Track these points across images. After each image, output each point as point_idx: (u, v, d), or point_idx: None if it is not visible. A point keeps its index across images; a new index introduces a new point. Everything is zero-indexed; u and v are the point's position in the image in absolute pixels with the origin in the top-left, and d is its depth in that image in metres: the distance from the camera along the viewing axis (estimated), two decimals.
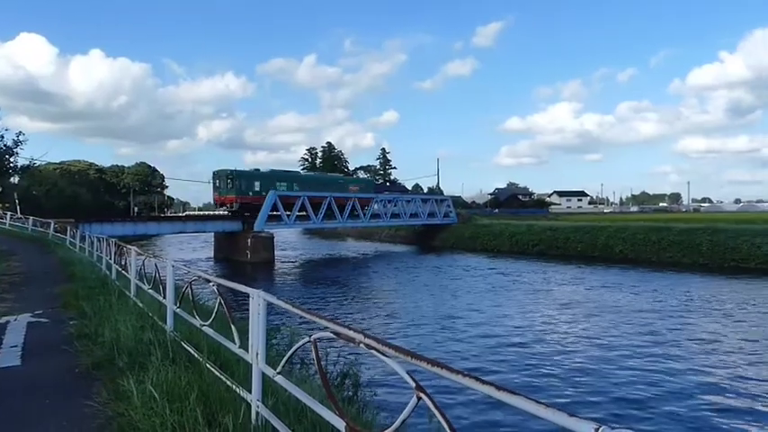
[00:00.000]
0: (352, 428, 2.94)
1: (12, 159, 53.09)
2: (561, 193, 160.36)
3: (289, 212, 46.53)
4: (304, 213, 49.10)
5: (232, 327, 4.97)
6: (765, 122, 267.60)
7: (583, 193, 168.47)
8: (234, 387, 4.64)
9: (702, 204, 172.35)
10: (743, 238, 36.34)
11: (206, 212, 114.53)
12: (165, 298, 7.42)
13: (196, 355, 5.67)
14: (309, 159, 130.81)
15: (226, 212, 50.00)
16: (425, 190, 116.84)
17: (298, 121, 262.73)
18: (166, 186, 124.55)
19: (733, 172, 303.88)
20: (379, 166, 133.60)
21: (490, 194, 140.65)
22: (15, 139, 52.07)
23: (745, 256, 35.04)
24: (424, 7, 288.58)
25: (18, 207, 46.02)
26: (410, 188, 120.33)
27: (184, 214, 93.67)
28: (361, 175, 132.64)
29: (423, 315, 20.58)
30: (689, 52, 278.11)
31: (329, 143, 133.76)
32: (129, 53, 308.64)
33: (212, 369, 5.16)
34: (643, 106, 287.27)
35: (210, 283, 5.76)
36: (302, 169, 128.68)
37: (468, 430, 8.93)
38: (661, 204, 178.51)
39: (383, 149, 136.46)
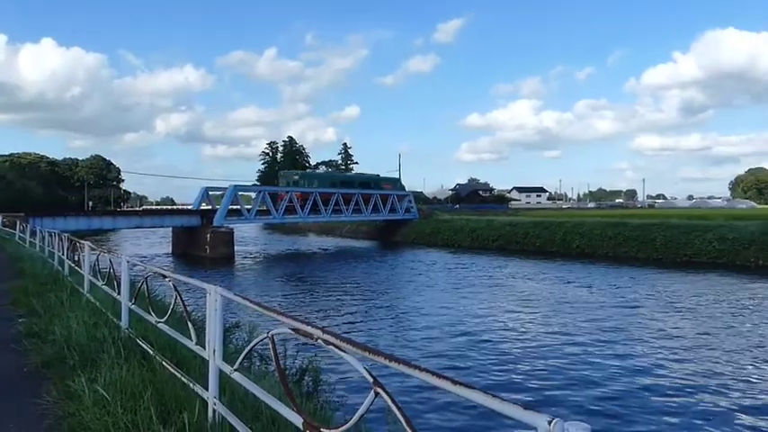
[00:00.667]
0: (310, 424, 2.92)
1: None
2: (521, 189, 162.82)
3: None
4: (264, 208, 48.72)
5: (188, 323, 4.88)
6: (717, 122, 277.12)
7: (542, 189, 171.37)
8: (190, 384, 4.55)
9: (657, 201, 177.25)
10: (695, 233, 37.49)
11: (164, 207, 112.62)
12: (119, 294, 7.25)
13: (151, 353, 5.56)
14: (270, 154, 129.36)
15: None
16: None
17: (258, 115, 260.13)
18: (122, 180, 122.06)
19: (686, 169, 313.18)
20: (340, 161, 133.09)
21: (451, 190, 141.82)
22: None
23: (697, 250, 36.16)
24: (386, 3, 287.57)
25: None
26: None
27: (141, 209, 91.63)
28: (323, 169, 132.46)
29: (384, 310, 20.64)
30: (644, 52, 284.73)
31: (290, 137, 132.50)
32: (82, 43, 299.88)
33: (168, 366, 5.06)
34: (600, 104, 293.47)
35: (167, 279, 5.65)
36: (262, 163, 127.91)
37: (426, 425, 8.99)
38: (617, 200, 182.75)
39: (345, 144, 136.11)
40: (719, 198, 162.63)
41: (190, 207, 52.77)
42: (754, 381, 12.07)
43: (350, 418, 2.58)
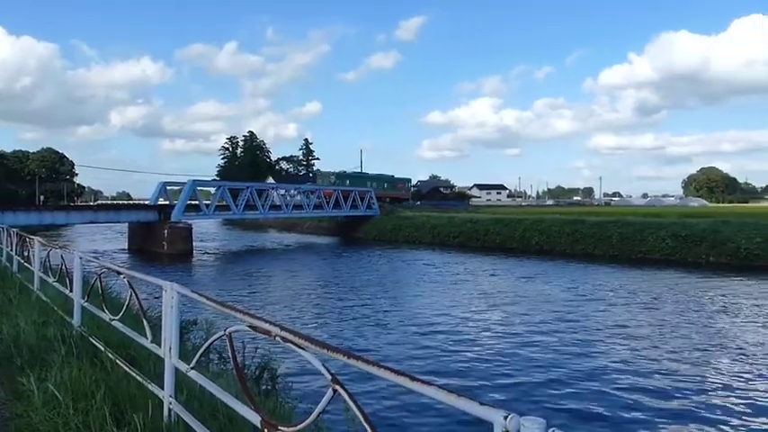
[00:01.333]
0: (268, 422, 2.88)
1: None
2: (481, 187, 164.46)
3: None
4: (224, 203, 48.10)
5: (144, 321, 4.78)
6: (670, 122, 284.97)
7: (502, 187, 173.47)
8: (145, 383, 4.46)
9: (613, 198, 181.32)
10: (649, 230, 38.49)
11: (120, 202, 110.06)
12: (71, 291, 7.05)
13: (105, 351, 5.42)
14: (230, 149, 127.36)
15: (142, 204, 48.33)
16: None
17: (218, 110, 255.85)
18: (76, 174, 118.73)
19: (640, 168, 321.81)
20: (302, 157, 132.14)
21: (413, 187, 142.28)
22: None
23: (651, 247, 37.14)
24: None
25: None
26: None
27: (96, 203, 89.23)
28: (284, 165, 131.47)
29: (344, 307, 20.60)
30: (601, 53, 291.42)
31: (251, 132, 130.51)
32: (33, 32, 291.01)
33: (122, 365, 4.94)
34: (559, 103, 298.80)
35: (121, 276, 5.52)
36: (221, 158, 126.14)
37: (384, 421, 9.01)
38: (575, 198, 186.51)
39: (306, 140, 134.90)
40: (673, 196, 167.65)
41: (147, 202, 51.68)
42: (707, 373, 12.46)
43: (309, 415, 2.56)
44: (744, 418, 9.83)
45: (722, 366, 13.02)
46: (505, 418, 1.59)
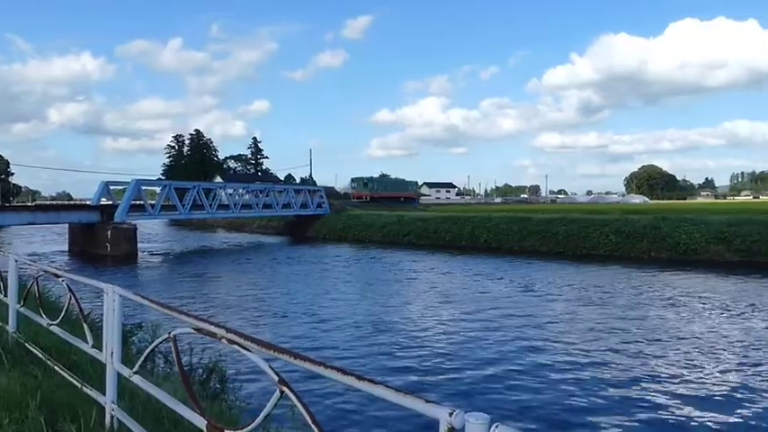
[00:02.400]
0: (214, 426, 2.83)
1: None
2: (431, 185, 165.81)
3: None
4: (171, 203, 46.98)
5: (84, 325, 4.62)
6: (612, 121, 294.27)
7: (451, 185, 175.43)
8: (86, 390, 4.31)
9: (559, 196, 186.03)
10: (593, 227, 39.57)
11: (59, 202, 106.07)
12: (5, 296, 6.74)
13: (43, 358, 5.21)
14: (176, 147, 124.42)
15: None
16: (298, 180, 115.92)
17: (163, 107, 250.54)
18: (12, 173, 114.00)
19: (585, 166, 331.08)
20: (250, 156, 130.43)
21: None
22: None
23: (596, 244, 38.18)
24: None
25: None
26: (283, 178, 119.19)
27: (34, 204, 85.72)
28: (232, 164, 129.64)
29: (294, 306, 20.44)
30: (544, 54, 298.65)
31: (197, 131, 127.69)
32: None
33: (61, 371, 4.76)
34: (504, 103, 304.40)
35: (60, 279, 5.32)
36: (167, 157, 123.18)
37: (332, 421, 8.99)
38: (522, 196, 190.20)
39: (254, 138, 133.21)
40: (615, 194, 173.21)
41: (89, 203, 50.00)
42: (646, 362, 12.90)
43: (256, 418, 2.53)
44: (676, 401, 10.23)
45: (659, 354, 13.53)
46: (450, 414, 1.61)
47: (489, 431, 1.59)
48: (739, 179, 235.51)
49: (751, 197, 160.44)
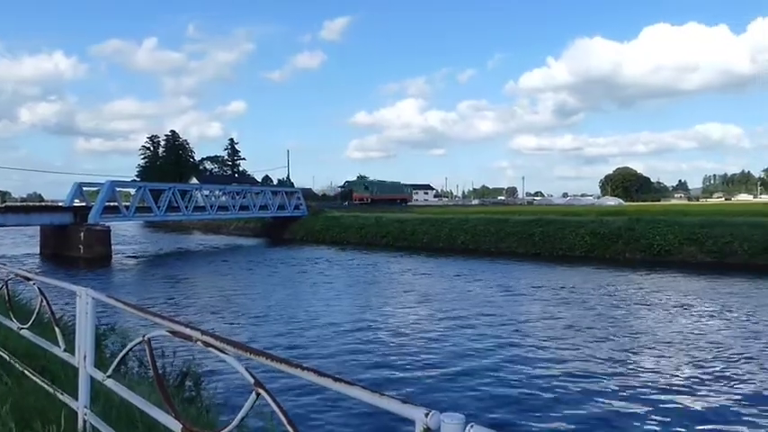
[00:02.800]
0: (189, 430, 2.80)
1: None
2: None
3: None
4: (146, 205, 46.44)
5: (56, 328, 4.55)
6: (587, 124, 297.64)
7: (429, 187, 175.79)
8: (58, 395, 4.24)
9: (535, 198, 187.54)
10: (569, 229, 39.97)
11: (30, 204, 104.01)
12: None
13: (12, 362, 5.11)
14: (151, 148, 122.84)
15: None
16: (276, 182, 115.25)
17: (137, 108, 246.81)
18: None
19: (561, 168, 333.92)
20: (227, 157, 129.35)
21: (340, 187, 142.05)
22: None
23: (572, 245, 38.57)
24: None
25: None
26: (260, 180, 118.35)
27: (4, 205, 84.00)
28: (208, 165, 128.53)
29: (271, 308, 20.33)
30: (521, 57, 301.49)
31: (173, 131, 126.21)
32: None
33: (32, 376, 4.68)
34: (482, 105, 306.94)
35: (31, 282, 5.23)
36: (142, 158, 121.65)
37: (308, 423, 8.97)
38: (499, 197, 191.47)
39: (231, 140, 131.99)
40: (591, 195, 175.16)
41: (61, 204, 49.16)
42: (630, 365, 13.09)
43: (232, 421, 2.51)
44: (649, 396, 10.42)
45: (633, 352, 13.77)
46: (426, 414, 1.62)
47: (464, 431, 1.61)
48: (711, 181, 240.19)
49: (723, 199, 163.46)
